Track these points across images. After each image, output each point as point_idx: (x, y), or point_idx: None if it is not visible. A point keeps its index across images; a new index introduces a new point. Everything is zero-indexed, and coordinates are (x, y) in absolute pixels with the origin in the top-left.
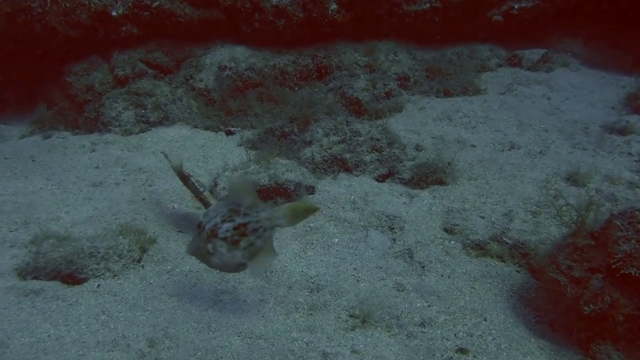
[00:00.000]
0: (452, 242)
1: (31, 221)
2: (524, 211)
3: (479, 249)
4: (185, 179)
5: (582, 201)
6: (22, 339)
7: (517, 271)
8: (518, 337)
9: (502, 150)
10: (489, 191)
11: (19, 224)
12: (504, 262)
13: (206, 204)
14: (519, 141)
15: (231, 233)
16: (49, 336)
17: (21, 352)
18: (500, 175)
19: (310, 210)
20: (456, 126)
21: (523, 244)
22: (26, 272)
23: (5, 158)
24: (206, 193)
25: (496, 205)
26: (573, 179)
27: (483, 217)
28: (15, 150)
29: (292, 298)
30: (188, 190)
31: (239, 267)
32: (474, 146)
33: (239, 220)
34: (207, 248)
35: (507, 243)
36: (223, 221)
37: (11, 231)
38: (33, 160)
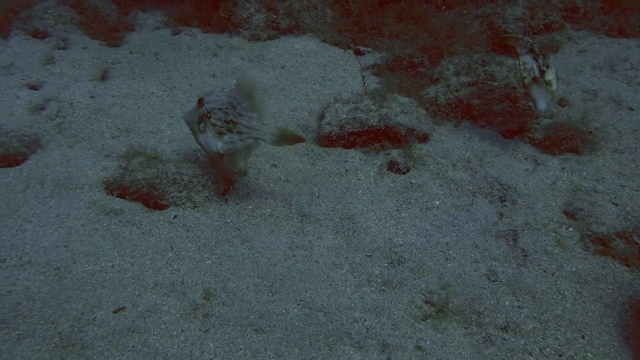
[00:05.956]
0: (569, 230)
1: (133, 130)
2: None
3: (601, 244)
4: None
5: None
6: (86, 265)
7: None
8: None
9: None
10: (634, 171)
11: (122, 131)
12: (628, 266)
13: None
14: None
15: (220, 124)
16: (112, 266)
17: (81, 279)
18: None
19: (297, 139)
20: (617, 80)
21: None
22: (113, 188)
23: (130, 52)
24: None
25: (638, 191)
26: None
27: (616, 204)
28: (143, 43)
29: (367, 268)
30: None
31: (215, 155)
32: (632, 109)
33: (231, 117)
34: (199, 125)
35: (637, 243)
36: (219, 109)
37: (113, 137)
38: (157, 58)
